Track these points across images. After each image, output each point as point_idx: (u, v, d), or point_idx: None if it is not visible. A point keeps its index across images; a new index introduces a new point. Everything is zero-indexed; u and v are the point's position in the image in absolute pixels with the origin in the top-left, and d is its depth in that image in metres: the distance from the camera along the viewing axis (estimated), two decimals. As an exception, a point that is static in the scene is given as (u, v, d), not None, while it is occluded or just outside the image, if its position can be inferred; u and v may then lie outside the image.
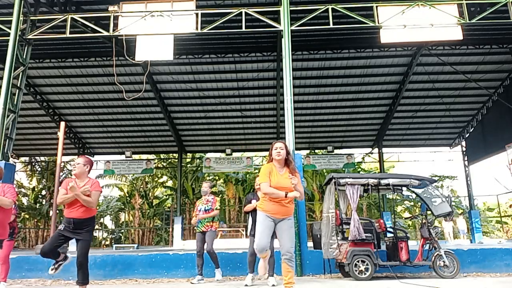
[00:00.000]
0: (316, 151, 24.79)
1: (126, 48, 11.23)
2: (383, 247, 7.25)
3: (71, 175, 4.42)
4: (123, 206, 30.91)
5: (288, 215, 3.96)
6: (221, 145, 21.97)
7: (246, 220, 6.55)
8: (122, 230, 31.57)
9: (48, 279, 6.95)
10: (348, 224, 6.65)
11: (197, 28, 9.95)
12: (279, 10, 9.61)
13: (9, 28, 9.40)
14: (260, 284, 6.13)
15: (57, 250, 4.23)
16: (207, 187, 6.70)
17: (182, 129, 20.85)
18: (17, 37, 9.38)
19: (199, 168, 26.31)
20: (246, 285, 5.79)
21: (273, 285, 5.80)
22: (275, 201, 3.91)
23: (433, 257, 6.49)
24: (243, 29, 9.81)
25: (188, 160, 26.64)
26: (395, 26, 9.90)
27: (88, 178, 4.35)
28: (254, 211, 5.92)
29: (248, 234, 6.21)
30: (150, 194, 30.70)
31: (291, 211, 3.99)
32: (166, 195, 32.24)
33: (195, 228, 6.59)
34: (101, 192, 4.43)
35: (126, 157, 21.52)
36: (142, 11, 10.13)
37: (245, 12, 9.92)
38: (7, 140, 9.14)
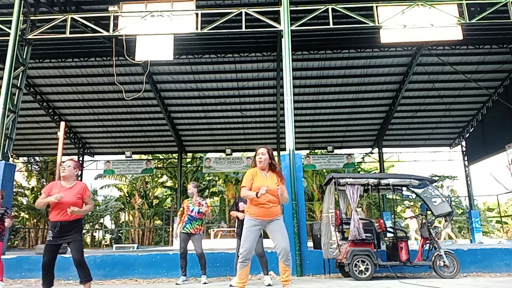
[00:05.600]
0: (316, 151, 24.78)
1: (126, 48, 11.22)
2: (383, 247, 7.26)
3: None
4: (123, 206, 30.93)
5: (276, 216, 4.04)
6: (221, 145, 21.96)
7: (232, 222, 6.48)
8: (122, 230, 31.58)
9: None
10: (348, 224, 6.65)
11: (197, 28, 9.95)
12: (279, 10, 9.60)
13: (9, 28, 9.40)
14: (252, 284, 6.13)
15: (55, 261, 4.21)
16: (192, 188, 6.64)
17: (182, 129, 20.84)
18: (17, 37, 9.37)
19: (199, 168, 26.31)
20: (230, 285, 5.77)
21: (269, 285, 5.79)
22: (260, 205, 4.00)
23: (433, 257, 6.50)
24: (243, 29, 9.81)
25: (188, 160, 26.64)
26: (395, 26, 9.89)
27: (76, 181, 4.36)
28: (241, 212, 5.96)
29: (236, 234, 6.17)
30: (150, 194, 30.71)
31: (278, 212, 4.08)
32: (166, 195, 32.26)
33: (184, 227, 6.43)
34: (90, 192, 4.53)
35: (126, 157, 21.51)
36: (142, 11, 10.13)
37: (245, 12, 9.92)
38: (7, 140, 9.13)
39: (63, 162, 4.44)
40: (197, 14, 10.02)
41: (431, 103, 18.85)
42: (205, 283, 6.26)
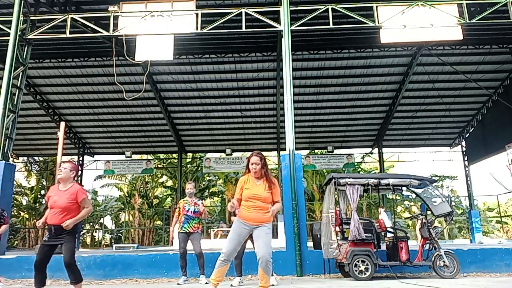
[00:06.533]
0: (316, 151, 24.79)
1: (126, 48, 11.21)
2: (383, 247, 7.25)
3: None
4: (123, 206, 30.94)
5: (264, 222, 4.08)
6: (221, 145, 21.97)
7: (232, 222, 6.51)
8: (122, 230, 31.59)
9: (48, 279, 6.93)
10: (348, 224, 6.65)
11: (197, 28, 9.95)
12: (279, 10, 9.60)
13: (9, 28, 9.40)
14: (253, 284, 6.13)
15: (48, 262, 4.22)
16: (193, 188, 6.68)
17: (182, 129, 20.84)
18: (17, 37, 9.37)
19: (199, 168, 26.32)
20: (231, 285, 5.79)
21: (273, 285, 5.80)
22: (250, 210, 4.07)
23: (433, 257, 6.49)
24: (243, 29, 9.80)
25: (188, 160, 26.65)
26: (395, 26, 9.89)
27: (72, 184, 4.35)
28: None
29: None
30: (150, 194, 30.72)
31: (267, 219, 4.12)
32: (166, 195, 32.27)
33: (182, 227, 6.43)
34: (87, 195, 4.45)
35: (126, 157, 21.53)
36: (142, 11, 10.12)
37: (245, 12, 9.92)
38: (7, 140, 9.13)
39: (62, 163, 4.42)
40: (197, 14, 10.01)
41: (431, 103, 18.85)
42: (206, 283, 6.25)
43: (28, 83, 16.99)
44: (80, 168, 21.54)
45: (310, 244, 8.29)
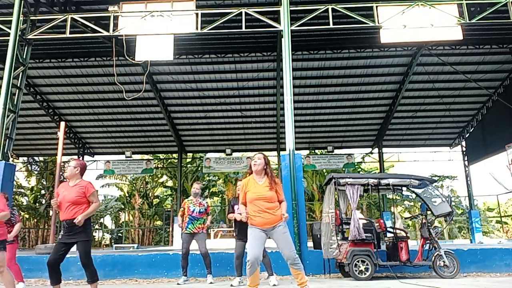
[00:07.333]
0: (316, 151, 24.79)
1: (126, 48, 11.20)
2: (383, 247, 7.25)
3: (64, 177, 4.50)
4: (123, 206, 30.92)
5: (278, 222, 4.06)
6: (221, 145, 21.97)
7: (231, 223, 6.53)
8: (122, 230, 31.58)
9: (48, 279, 6.93)
10: (348, 224, 6.65)
11: (197, 28, 9.94)
12: (279, 10, 9.60)
13: (9, 28, 9.39)
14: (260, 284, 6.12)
15: (62, 260, 4.25)
16: (199, 189, 6.69)
17: (182, 129, 20.84)
18: (17, 37, 9.36)
19: (199, 168, 26.32)
20: (232, 285, 5.80)
21: (274, 285, 5.79)
22: (259, 215, 4.03)
23: (433, 257, 6.49)
24: (243, 29, 9.80)
25: (188, 160, 26.65)
26: (395, 26, 9.88)
27: (80, 180, 4.38)
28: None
29: (235, 236, 6.16)
30: (150, 194, 30.71)
31: (279, 217, 4.09)
32: (166, 195, 32.27)
33: (186, 228, 6.44)
34: (95, 190, 4.50)
35: (126, 157, 21.53)
36: (142, 11, 10.11)
37: (245, 12, 9.91)
38: (7, 140, 9.12)
39: (68, 162, 4.47)
40: (197, 14, 10.01)
41: (431, 103, 18.85)
42: (211, 282, 6.28)
43: (28, 83, 17.00)
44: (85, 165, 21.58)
45: (310, 244, 8.29)
